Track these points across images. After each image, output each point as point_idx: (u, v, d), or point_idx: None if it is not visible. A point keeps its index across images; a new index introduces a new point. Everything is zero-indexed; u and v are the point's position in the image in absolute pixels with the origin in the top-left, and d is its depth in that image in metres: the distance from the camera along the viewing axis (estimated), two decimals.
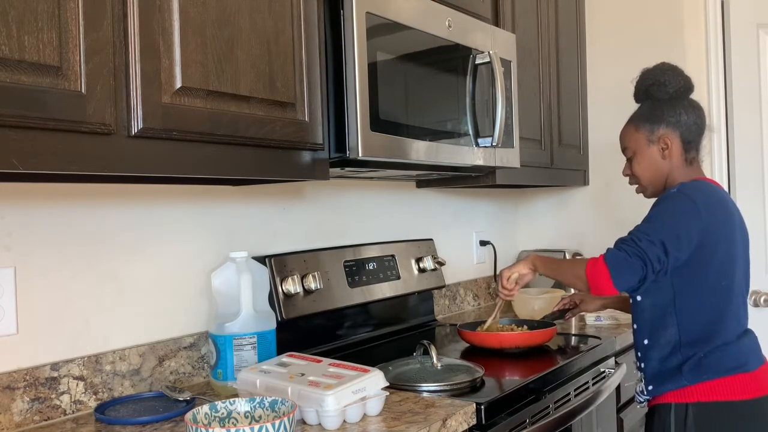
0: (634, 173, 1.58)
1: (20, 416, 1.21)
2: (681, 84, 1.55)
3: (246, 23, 1.19)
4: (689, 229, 1.39)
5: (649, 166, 1.55)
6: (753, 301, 2.34)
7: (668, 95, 1.54)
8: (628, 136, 1.59)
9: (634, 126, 1.58)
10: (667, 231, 1.39)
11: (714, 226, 1.42)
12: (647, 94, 1.57)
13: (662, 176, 1.55)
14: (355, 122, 1.37)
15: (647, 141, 1.55)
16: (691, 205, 1.41)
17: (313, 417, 1.17)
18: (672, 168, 1.54)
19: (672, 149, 1.53)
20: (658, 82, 1.54)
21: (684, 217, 1.40)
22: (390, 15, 1.46)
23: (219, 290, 1.45)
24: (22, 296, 1.25)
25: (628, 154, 1.59)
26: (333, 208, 1.93)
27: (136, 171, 1.04)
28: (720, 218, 1.44)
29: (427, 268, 2.07)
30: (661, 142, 1.53)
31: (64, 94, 0.93)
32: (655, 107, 1.55)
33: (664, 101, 1.54)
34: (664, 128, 1.53)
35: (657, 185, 1.56)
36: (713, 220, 1.42)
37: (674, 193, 1.44)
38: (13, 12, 0.88)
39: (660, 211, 1.43)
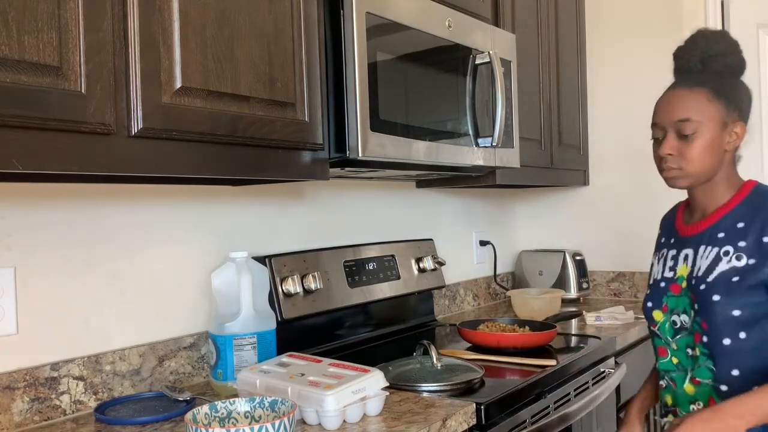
0: (685, 155, 1.26)
1: (20, 416, 1.21)
2: (742, 60, 1.33)
3: (246, 23, 1.19)
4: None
5: (711, 153, 1.26)
6: None
7: (732, 69, 1.30)
8: (696, 105, 1.26)
9: (706, 95, 1.26)
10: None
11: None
12: (704, 64, 1.30)
13: (715, 170, 1.29)
14: (355, 122, 1.37)
15: (722, 121, 1.26)
16: None
17: (313, 417, 1.17)
18: (724, 163, 1.30)
19: (738, 141, 1.30)
20: (726, 52, 1.30)
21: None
22: (390, 15, 1.46)
23: (219, 290, 1.45)
24: (22, 296, 1.25)
25: (688, 130, 1.25)
26: (333, 208, 1.93)
27: (136, 171, 1.04)
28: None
29: (427, 268, 2.07)
30: (734, 129, 1.28)
31: (64, 94, 0.93)
32: (730, 82, 1.29)
33: (731, 79, 1.30)
34: (738, 113, 1.29)
35: (703, 178, 1.29)
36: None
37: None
38: (13, 12, 0.88)
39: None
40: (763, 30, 2.35)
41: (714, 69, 1.29)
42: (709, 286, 1.24)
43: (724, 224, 1.28)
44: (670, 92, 1.30)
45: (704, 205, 1.34)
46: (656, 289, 1.37)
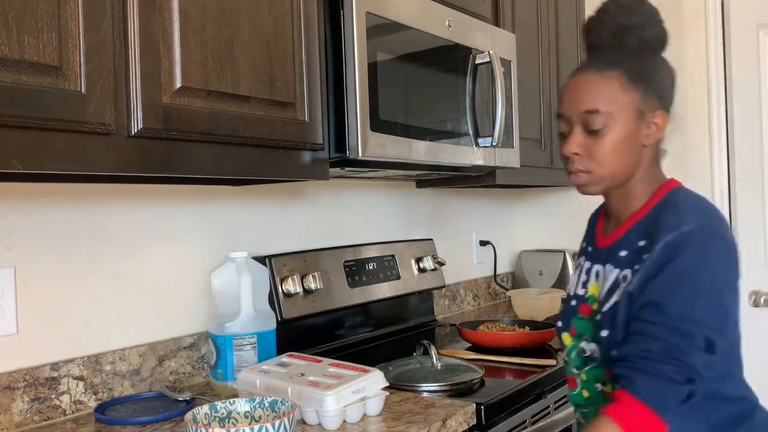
0: (594, 154, 1.03)
1: (20, 416, 1.21)
2: (660, 27, 1.07)
3: (246, 23, 1.19)
4: (736, 297, 0.97)
5: (627, 151, 1.03)
6: (753, 302, 2.35)
7: (649, 44, 1.05)
8: (606, 93, 1.02)
9: (618, 79, 1.02)
10: (711, 316, 0.92)
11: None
12: (617, 39, 1.05)
13: (631, 169, 1.05)
14: (355, 122, 1.37)
15: (637, 110, 1.03)
16: (731, 253, 0.97)
17: (313, 417, 1.17)
18: (644, 161, 1.06)
19: (658, 133, 1.06)
20: (644, 24, 1.05)
21: (728, 282, 0.95)
22: (390, 15, 1.46)
23: (219, 290, 1.45)
24: (22, 296, 1.25)
25: (597, 123, 1.02)
26: (333, 208, 1.93)
27: (136, 171, 1.04)
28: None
29: (427, 268, 2.07)
30: (653, 119, 1.04)
31: (64, 94, 0.93)
32: (649, 61, 1.05)
33: (651, 53, 1.06)
34: (658, 100, 1.04)
35: (618, 181, 1.06)
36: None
37: (697, 233, 0.95)
38: (13, 12, 0.88)
39: (690, 276, 0.93)
40: (763, 30, 2.35)
41: (629, 45, 1.05)
42: (602, 319, 1.04)
43: (627, 240, 1.05)
44: (576, 76, 1.07)
45: (618, 212, 1.11)
46: (567, 307, 1.16)
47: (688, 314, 0.92)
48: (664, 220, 0.99)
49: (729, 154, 2.40)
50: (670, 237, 0.95)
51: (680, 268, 0.94)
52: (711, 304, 0.93)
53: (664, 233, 0.97)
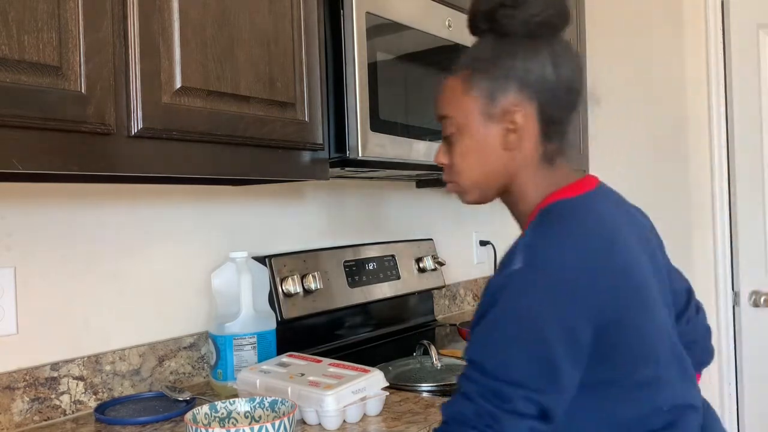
0: (452, 164, 0.95)
1: (20, 416, 1.21)
2: (551, 9, 0.89)
3: (246, 23, 1.19)
4: (574, 334, 0.78)
5: (480, 159, 0.92)
6: (753, 302, 2.35)
7: (526, 28, 0.88)
8: (450, 96, 0.93)
9: (462, 78, 0.92)
10: (533, 375, 0.78)
11: (614, 296, 0.81)
12: (491, 21, 0.91)
13: (499, 178, 0.93)
14: (355, 122, 1.37)
15: (483, 113, 0.90)
16: (563, 289, 0.79)
17: (313, 417, 1.17)
18: (520, 166, 0.92)
19: (524, 133, 0.90)
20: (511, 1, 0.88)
21: (558, 331, 0.77)
22: (390, 15, 1.46)
23: (219, 290, 1.45)
24: (22, 296, 1.25)
25: (446, 131, 0.95)
26: (333, 208, 1.93)
27: (136, 171, 1.04)
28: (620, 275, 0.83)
29: (427, 268, 2.07)
30: (507, 120, 0.89)
31: (64, 94, 0.93)
32: (502, 49, 0.90)
33: (518, 39, 0.89)
34: (515, 92, 0.89)
35: (488, 191, 0.95)
36: (611, 287, 0.81)
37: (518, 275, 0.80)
38: (13, 12, 0.88)
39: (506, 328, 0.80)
40: (763, 30, 2.35)
41: (506, 29, 0.89)
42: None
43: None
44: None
45: (517, 222, 0.99)
46: None
47: (503, 373, 0.78)
48: (506, 252, 0.86)
49: (729, 154, 2.40)
50: (495, 278, 0.83)
51: (496, 318, 0.80)
52: (532, 361, 0.78)
53: (495, 273, 0.85)
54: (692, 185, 2.42)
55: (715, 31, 2.38)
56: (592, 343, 0.80)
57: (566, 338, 0.78)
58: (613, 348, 0.82)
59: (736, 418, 2.36)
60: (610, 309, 0.80)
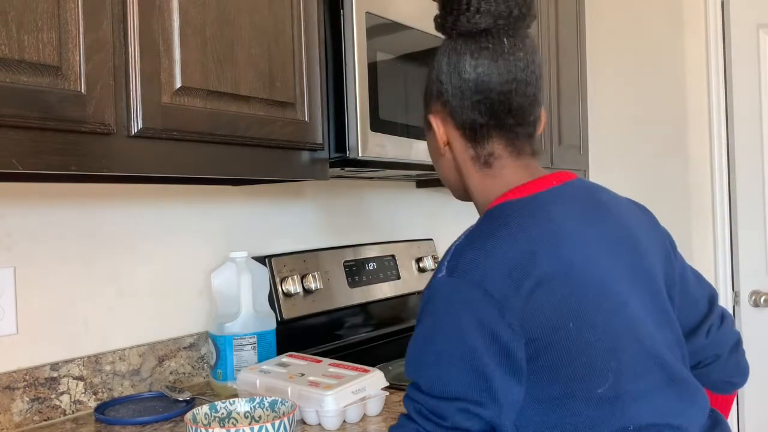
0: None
1: (20, 416, 1.21)
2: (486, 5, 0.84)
3: (246, 23, 1.19)
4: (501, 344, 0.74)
5: (436, 162, 0.98)
6: (753, 302, 2.35)
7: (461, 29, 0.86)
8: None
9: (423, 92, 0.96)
10: (467, 387, 0.75)
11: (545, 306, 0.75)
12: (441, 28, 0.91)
13: (454, 181, 0.96)
14: (355, 122, 1.37)
15: (423, 119, 0.96)
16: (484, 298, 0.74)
17: (313, 417, 1.17)
18: (461, 170, 0.93)
19: (449, 139, 0.91)
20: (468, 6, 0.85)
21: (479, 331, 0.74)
22: (390, 15, 1.46)
23: (219, 290, 1.45)
24: (22, 296, 1.25)
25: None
26: (333, 208, 1.93)
27: (136, 171, 1.04)
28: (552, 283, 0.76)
29: (427, 268, 2.07)
30: (434, 123, 0.92)
31: (64, 94, 0.93)
32: (438, 53, 0.90)
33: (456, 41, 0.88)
34: (434, 98, 0.91)
35: (455, 192, 0.99)
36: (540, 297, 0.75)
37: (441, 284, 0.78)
38: (12, 12, 0.87)
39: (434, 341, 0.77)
40: (763, 30, 2.35)
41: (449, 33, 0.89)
42: None
43: None
44: None
45: None
46: None
47: (439, 389, 0.76)
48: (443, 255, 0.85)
49: (729, 154, 2.40)
50: (425, 290, 0.81)
51: (425, 331, 0.78)
52: (463, 373, 0.74)
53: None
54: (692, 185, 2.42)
55: (715, 31, 2.38)
56: (533, 357, 0.76)
57: (493, 349, 0.74)
58: (556, 362, 0.76)
59: (736, 418, 2.36)
60: (541, 319, 0.75)
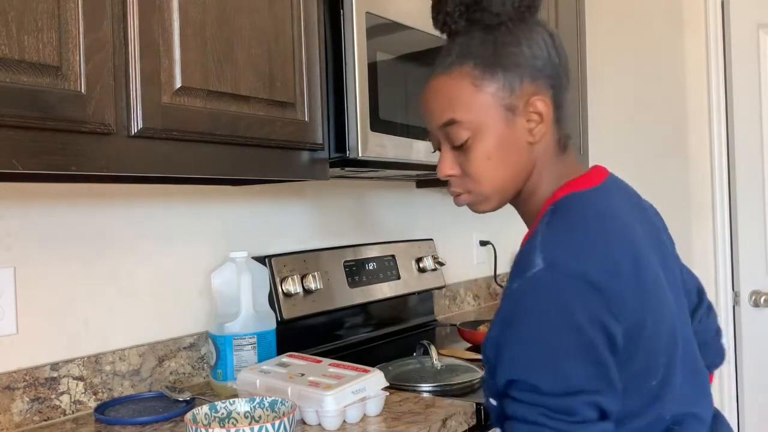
0: (469, 172, 0.87)
1: (20, 416, 1.21)
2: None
3: (246, 23, 1.19)
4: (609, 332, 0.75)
5: (505, 159, 0.85)
6: (753, 302, 2.35)
7: (509, 13, 0.84)
8: (458, 97, 0.85)
9: (470, 75, 0.84)
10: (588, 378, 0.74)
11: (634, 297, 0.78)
12: (470, 13, 0.85)
13: (522, 175, 0.88)
14: (355, 122, 1.37)
15: (504, 106, 0.84)
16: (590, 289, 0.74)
17: (313, 417, 1.17)
18: (538, 159, 0.87)
19: (545, 122, 0.85)
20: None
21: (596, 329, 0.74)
22: (390, 15, 1.46)
23: (219, 290, 1.45)
24: (22, 296, 1.25)
25: (458, 137, 0.86)
26: (333, 208, 1.93)
27: (136, 171, 1.04)
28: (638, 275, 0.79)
29: (427, 268, 2.07)
30: (531, 109, 0.84)
31: (64, 94, 0.93)
32: (500, 38, 0.84)
33: (508, 25, 0.85)
34: (529, 80, 0.84)
35: (509, 193, 0.89)
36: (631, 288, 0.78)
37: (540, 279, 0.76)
38: (12, 12, 0.87)
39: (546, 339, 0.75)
40: (763, 30, 2.35)
41: (483, 24, 0.85)
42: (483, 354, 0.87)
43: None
44: (427, 84, 0.91)
45: (524, 218, 0.95)
46: None
47: (562, 386, 0.74)
48: (520, 253, 0.81)
49: (729, 154, 2.40)
50: (515, 284, 0.78)
51: (532, 329, 0.76)
52: (586, 364, 0.74)
53: (511, 279, 0.80)
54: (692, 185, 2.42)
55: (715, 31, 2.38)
56: (623, 347, 0.77)
57: (605, 337, 0.75)
58: (632, 355, 0.78)
59: (737, 418, 2.36)
60: (631, 314, 0.77)
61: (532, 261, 0.77)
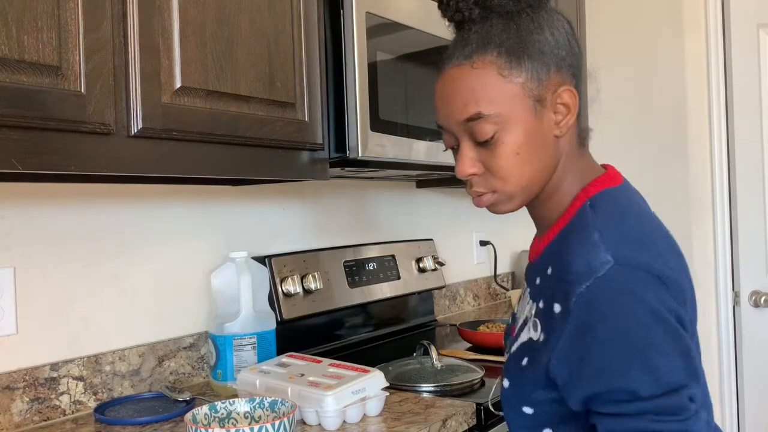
0: (494, 170, 0.81)
1: (20, 416, 1.21)
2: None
3: (246, 23, 1.19)
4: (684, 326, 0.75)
5: (534, 153, 0.81)
6: (753, 302, 2.35)
7: (533, 6, 0.81)
8: (483, 88, 0.79)
9: (496, 64, 0.78)
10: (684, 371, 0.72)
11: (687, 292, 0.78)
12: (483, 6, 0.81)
13: (548, 171, 0.83)
14: (355, 122, 1.37)
15: (532, 97, 0.79)
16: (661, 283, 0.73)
17: (313, 417, 1.17)
18: (562, 154, 0.84)
19: (572, 113, 0.82)
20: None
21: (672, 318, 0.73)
22: (390, 15, 1.46)
23: (219, 290, 1.45)
24: (22, 296, 1.25)
25: (484, 133, 0.79)
26: (333, 208, 1.93)
27: (136, 171, 1.04)
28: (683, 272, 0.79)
29: (427, 268, 2.07)
30: (558, 100, 0.80)
31: (64, 94, 0.93)
32: (527, 26, 0.80)
33: (528, 12, 0.81)
34: (555, 70, 0.80)
35: (534, 190, 0.84)
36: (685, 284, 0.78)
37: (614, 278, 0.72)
38: (12, 12, 0.87)
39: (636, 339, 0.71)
40: (763, 30, 2.35)
41: (501, 9, 0.80)
42: (508, 362, 0.86)
43: (542, 260, 0.84)
44: (441, 75, 0.84)
45: (541, 217, 0.90)
46: (507, 325, 0.98)
47: (665, 385, 0.70)
48: (569, 254, 0.76)
49: (729, 154, 2.40)
50: (583, 288, 0.72)
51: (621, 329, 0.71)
52: (680, 356, 0.72)
53: (573, 281, 0.73)
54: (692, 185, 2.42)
55: (715, 31, 2.38)
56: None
57: (682, 328, 0.73)
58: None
59: (737, 418, 2.36)
60: (690, 301, 0.77)
61: (599, 258, 0.73)
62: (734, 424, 2.36)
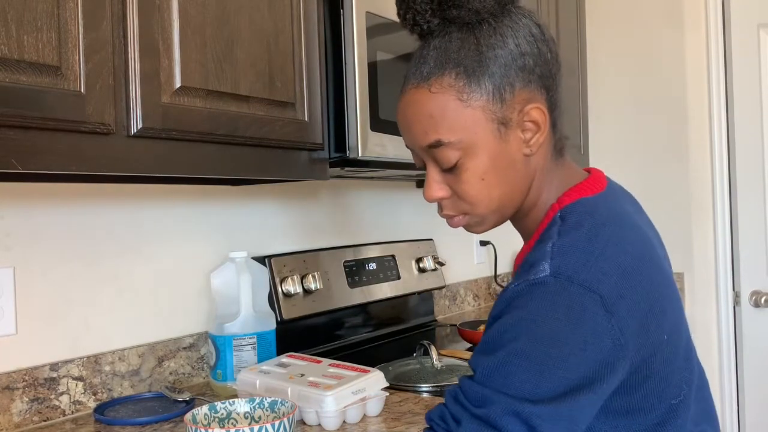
0: (461, 194, 0.79)
1: (19, 417, 1.21)
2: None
3: (246, 23, 1.19)
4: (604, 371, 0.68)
5: (502, 177, 0.78)
6: (753, 302, 2.35)
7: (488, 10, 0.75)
8: (442, 115, 0.75)
9: (454, 88, 0.74)
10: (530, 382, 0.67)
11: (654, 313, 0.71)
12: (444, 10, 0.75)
13: (522, 192, 0.80)
14: (354, 122, 1.37)
15: (496, 119, 0.75)
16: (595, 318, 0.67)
17: (313, 417, 1.17)
18: (536, 170, 0.80)
19: (542, 131, 0.77)
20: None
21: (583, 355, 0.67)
22: (390, 14, 1.46)
23: (219, 290, 1.45)
24: (22, 296, 1.24)
25: (447, 160, 0.77)
26: (333, 208, 1.93)
27: (135, 171, 1.04)
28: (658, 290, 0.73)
29: (427, 268, 2.07)
30: (526, 118, 0.76)
31: (64, 94, 0.93)
32: (483, 37, 0.75)
33: (490, 21, 0.75)
34: (521, 84, 0.75)
35: (507, 212, 0.82)
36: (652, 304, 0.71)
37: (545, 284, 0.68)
38: (12, 12, 0.87)
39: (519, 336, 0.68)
40: (763, 30, 2.35)
41: (461, 21, 0.75)
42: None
43: (518, 272, 0.78)
44: (401, 96, 0.80)
45: (522, 230, 0.88)
46: None
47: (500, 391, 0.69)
48: (524, 262, 0.74)
49: (729, 154, 2.40)
50: (512, 286, 0.71)
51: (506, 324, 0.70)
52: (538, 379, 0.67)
53: (514, 279, 0.73)
54: (692, 185, 2.42)
55: (716, 31, 2.38)
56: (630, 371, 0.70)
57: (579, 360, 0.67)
58: (647, 375, 0.72)
59: (737, 418, 2.36)
60: (643, 330, 0.70)
61: (539, 266, 0.70)
62: (734, 424, 2.36)
